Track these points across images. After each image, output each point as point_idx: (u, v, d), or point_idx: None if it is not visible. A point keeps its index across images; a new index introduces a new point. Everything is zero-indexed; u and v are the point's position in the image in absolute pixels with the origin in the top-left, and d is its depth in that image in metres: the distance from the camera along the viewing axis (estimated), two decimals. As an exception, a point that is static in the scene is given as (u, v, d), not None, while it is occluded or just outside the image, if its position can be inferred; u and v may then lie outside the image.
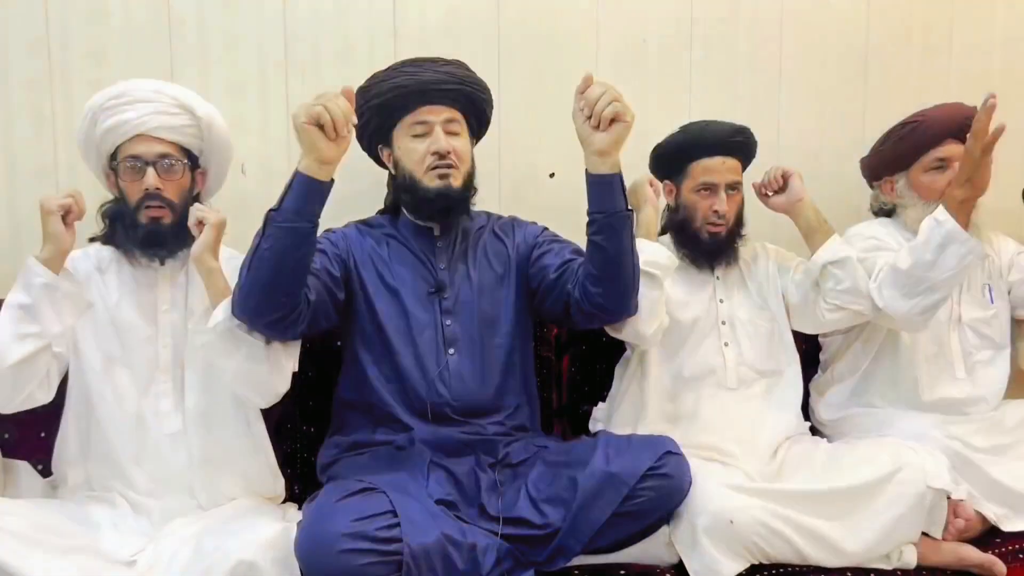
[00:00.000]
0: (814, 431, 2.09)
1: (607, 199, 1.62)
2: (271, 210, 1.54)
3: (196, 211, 1.68)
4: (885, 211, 2.18)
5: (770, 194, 2.03)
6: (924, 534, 1.70)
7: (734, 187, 1.98)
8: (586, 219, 1.68)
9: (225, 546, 1.44)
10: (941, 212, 1.82)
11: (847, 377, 2.11)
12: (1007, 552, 1.75)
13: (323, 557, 1.38)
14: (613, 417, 2.01)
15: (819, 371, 2.22)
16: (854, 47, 2.47)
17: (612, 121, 1.56)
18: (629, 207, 1.65)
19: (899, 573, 1.67)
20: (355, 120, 1.51)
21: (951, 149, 2.01)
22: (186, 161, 1.73)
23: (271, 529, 1.48)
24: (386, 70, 1.81)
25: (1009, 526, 1.80)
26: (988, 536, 1.79)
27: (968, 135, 1.76)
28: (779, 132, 2.42)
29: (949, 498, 1.72)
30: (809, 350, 2.22)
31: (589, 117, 1.57)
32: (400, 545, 1.40)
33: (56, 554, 1.42)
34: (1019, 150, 2.36)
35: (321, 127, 1.47)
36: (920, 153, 2.05)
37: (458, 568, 1.46)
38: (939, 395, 2.01)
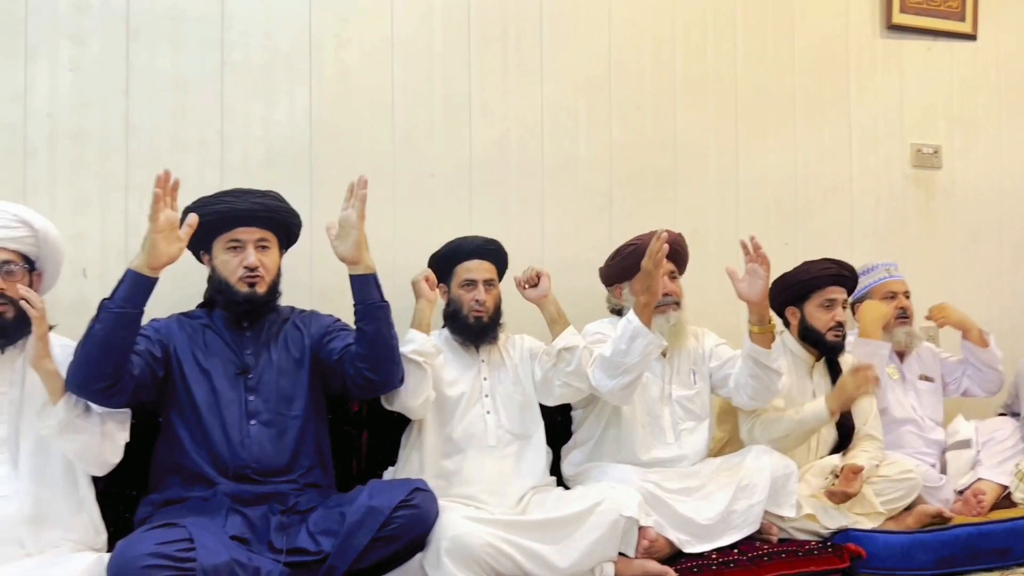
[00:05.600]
0: (563, 485, 2.60)
1: (364, 293, 2.14)
2: (105, 299, 1.95)
3: (21, 291, 1.97)
4: (616, 310, 2.78)
5: (526, 287, 2.57)
6: (622, 554, 2.21)
7: (490, 283, 2.54)
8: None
9: (46, 573, 1.77)
10: (631, 314, 2.41)
11: (585, 442, 2.64)
12: (685, 568, 2.27)
13: (129, 573, 1.73)
14: (397, 477, 2.45)
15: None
16: (601, 183, 3.14)
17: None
18: (384, 300, 2.15)
19: (601, 585, 2.16)
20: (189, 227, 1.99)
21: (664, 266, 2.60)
22: (25, 265, 2.08)
23: (88, 559, 1.83)
24: (211, 196, 2.24)
25: (689, 548, 2.34)
26: (675, 557, 2.31)
27: (644, 258, 2.36)
28: (543, 249, 3.02)
29: (641, 527, 2.23)
30: (563, 422, 2.75)
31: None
32: (195, 564, 1.77)
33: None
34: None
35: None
36: (639, 268, 2.54)
37: (244, 586, 1.84)
38: (652, 455, 2.56)
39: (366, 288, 2.14)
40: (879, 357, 2.92)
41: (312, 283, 2.73)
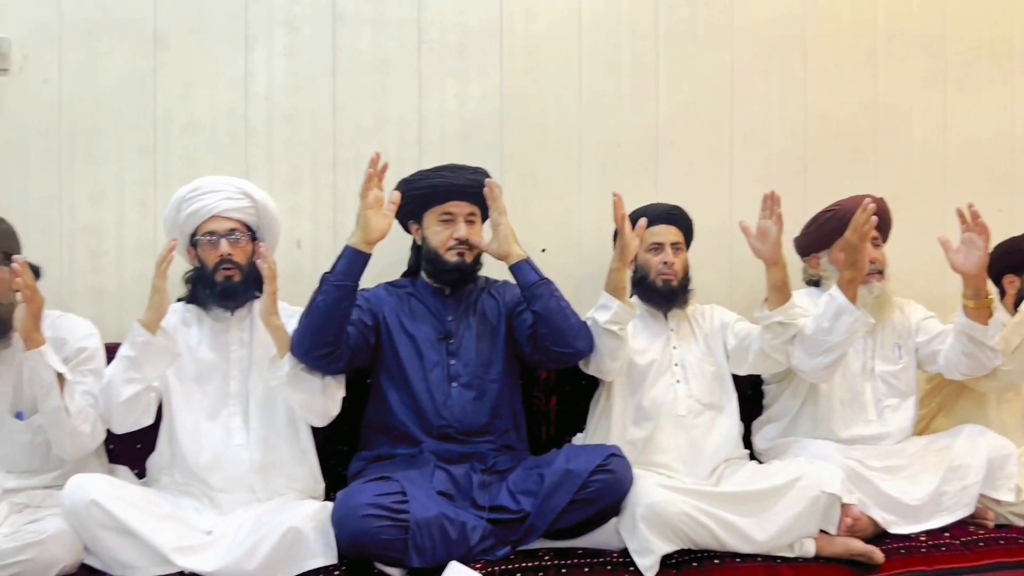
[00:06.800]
0: (754, 459, 2.54)
1: (525, 277, 2.24)
2: (326, 273, 2.11)
3: (261, 248, 2.15)
4: (813, 281, 2.67)
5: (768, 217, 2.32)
6: (823, 531, 2.14)
7: (677, 246, 2.51)
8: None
9: (278, 517, 1.94)
10: (835, 289, 2.30)
11: (780, 418, 2.56)
12: (891, 548, 2.16)
13: (351, 521, 1.88)
14: (587, 443, 2.49)
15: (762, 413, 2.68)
16: (794, 148, 3.02)
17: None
18: (543, 277, 2.23)
19: (800, 560, 2.10)
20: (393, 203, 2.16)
21: None
22: (248, 233, 2.28)
23: (313, 506, 2.00)
24: (429, 170, 2.39)
25: (895, 529, 2.23)
26: (879, 538, 2.21)
27: (848, 230, 2.25)
28: (732, 218, 2.92)
29: (844, 504, 2.15)
30: (753, 395, 2.69)
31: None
32: (408, 516, 1.90)
33: (157, 519, 1.94)
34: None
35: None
36: (838, 235, 2.44)
37: (451, 538, 1.95)
38: (852, 433, 2.45)
39: (524, 273, 2.24)
40: None
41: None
